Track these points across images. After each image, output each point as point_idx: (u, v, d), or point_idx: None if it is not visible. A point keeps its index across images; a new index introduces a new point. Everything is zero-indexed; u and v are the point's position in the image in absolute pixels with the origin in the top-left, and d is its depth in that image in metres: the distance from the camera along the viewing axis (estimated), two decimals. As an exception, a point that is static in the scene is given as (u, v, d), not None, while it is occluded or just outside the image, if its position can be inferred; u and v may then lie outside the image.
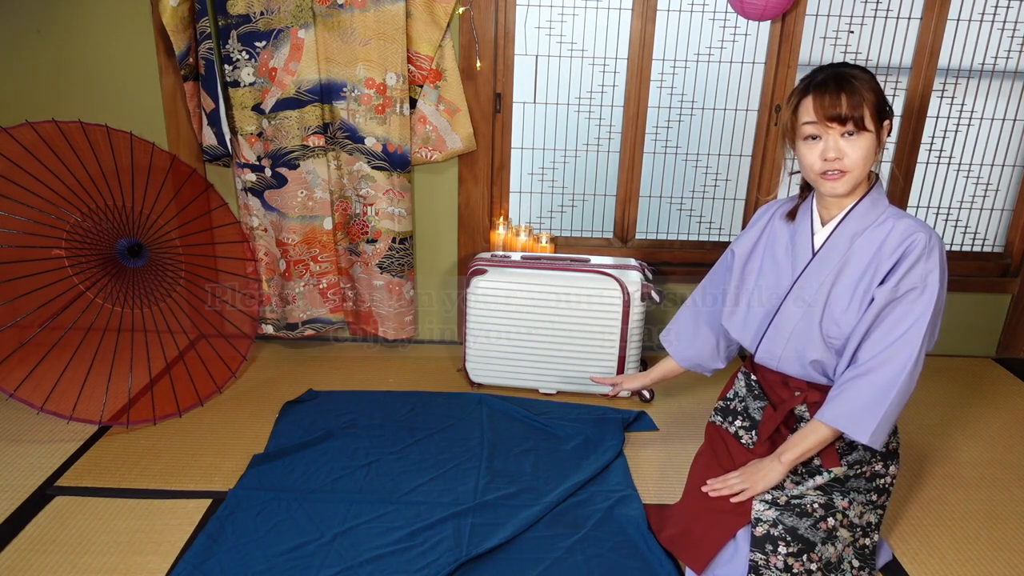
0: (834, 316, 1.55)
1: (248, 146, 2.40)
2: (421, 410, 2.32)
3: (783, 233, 1.69)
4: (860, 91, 1.46)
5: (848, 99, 1.46)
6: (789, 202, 1.73)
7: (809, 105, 1.49)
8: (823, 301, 1.57)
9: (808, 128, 1.51)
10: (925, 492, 2.01)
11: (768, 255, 1.70)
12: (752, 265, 1.74)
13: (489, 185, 2.62)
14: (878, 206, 1.56)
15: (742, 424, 1.77)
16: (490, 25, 2.43)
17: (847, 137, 1.48)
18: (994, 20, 2.49)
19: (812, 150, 1.52)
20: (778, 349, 1.65)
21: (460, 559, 1.67)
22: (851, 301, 1.53)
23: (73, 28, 2.41)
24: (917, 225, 1.52)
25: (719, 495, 1.63)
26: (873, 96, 1.48)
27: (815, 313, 1.58)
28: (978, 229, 2.76)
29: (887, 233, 1.53)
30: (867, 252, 1.54)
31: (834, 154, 1.48)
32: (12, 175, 2.05)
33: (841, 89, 1.46)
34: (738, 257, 1.76)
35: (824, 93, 1.47)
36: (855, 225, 1.56)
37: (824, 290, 1.57)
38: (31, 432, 2.15)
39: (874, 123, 1.48)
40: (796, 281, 1.62)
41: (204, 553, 1.68)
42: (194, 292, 2.40)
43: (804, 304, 1.60)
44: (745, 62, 2.54)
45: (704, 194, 2.71)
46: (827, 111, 1.47)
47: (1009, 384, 2.64)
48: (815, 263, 1.60)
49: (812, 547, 1.54)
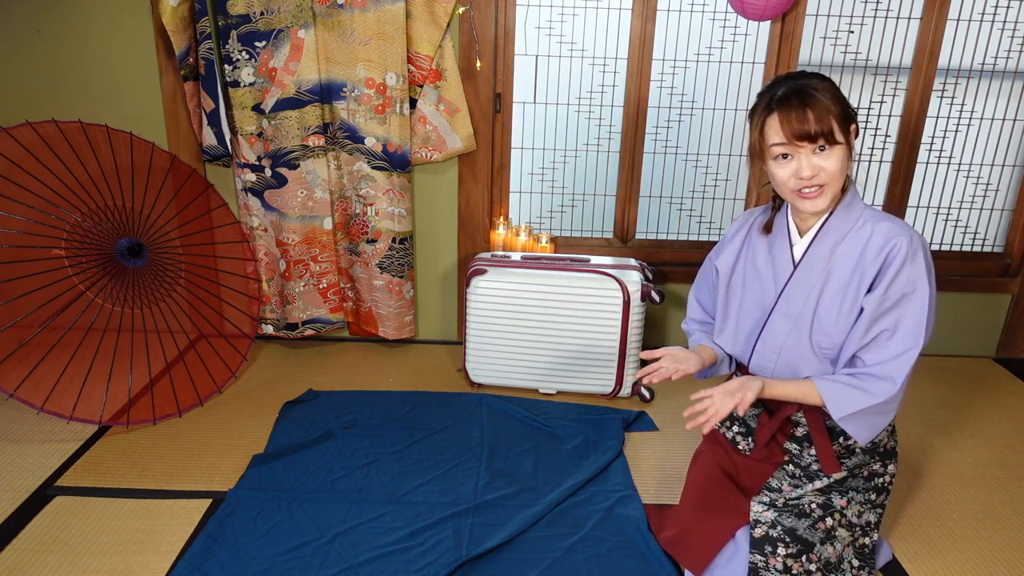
0: (824, 328, 1.54)
1: (248, 146, 2.40)
2: (421, 410, 2.32)
3: (761, 246, 1.66)
4: (824, 103, 1.43)
5: (814, 115, 1.42)
6: (763, 213, 1.69)
7: (776, 124, 1.46)
8: (811, 314, 1.56)
9: (778, 148, 1.47)
10: (925, 492, 2.01)
11: (751, 269, 1.68)
12: (736, 280, 1.71)
13: (489, 185, 2.62)
14: (854, 211, 1.54)
15: (739, 430, 1.77)
16: (490, 25, 2.43)
17: (819, 152, 1.46)
18: (994, 20, 2.49)
19: (784, 168, 1.49)
20: (770, 363, 1.63)
21: (460, 559, 1.68)
22: (840, 311, 1.52)
23: (73, 28, 2.41)
24: (897, 228, 1.49)
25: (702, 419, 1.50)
26: (837, 106, 1.44)
27: (803, 328, 1.57)
28: (978, 229, 2.76)
29: (868, 238, 1.50)
30: (850, 260, 1.52)
31: (809, 172, 1.46)
32: (12, 175, 2.06)
33: (805, 105, 1.43)
34: (722, 275, 1.73)
35: (789, 111, 1.44)
36: (834, 234, 1.54)
37: (811, 303, 1.56)
38: (31, 432, 2.15)
39: (842, 133, 1.45)
40: (780, 295, 1.60)
41: (204, 553, 1.68)
42: (194, 292, 2.40)
43: (791, 320, 1.58)
44: (745, 62, 2.54)
45: (704, 194, 2.71)
46: (795, 130, 1.43)
47: (1009, 384, 2.64)
48: (798, 276, 1.58)
49: (811, 547, 1.54)
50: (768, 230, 1.65)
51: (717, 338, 1.75)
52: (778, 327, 1.60)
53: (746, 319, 1.68)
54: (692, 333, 1.85)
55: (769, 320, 1.62)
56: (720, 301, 1.74)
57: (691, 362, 1.63)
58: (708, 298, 1.82)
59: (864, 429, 1.51)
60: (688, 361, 1.63)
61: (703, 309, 1.84)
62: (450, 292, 2.76)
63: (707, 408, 1.49)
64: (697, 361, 1.65)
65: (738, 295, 1.70)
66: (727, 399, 1.49)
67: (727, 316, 1.72)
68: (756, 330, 1.65)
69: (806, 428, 1.64)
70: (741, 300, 1.69)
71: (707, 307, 1.83)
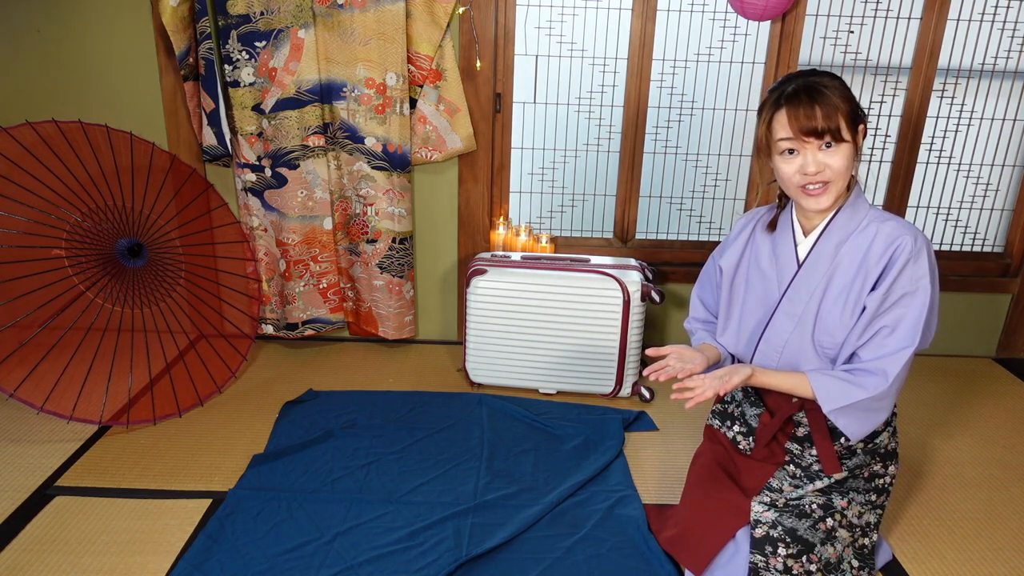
0: (827, 327, 1.54)
1: (248, 146, 2.40)
2: (421, 410, 2.32)
3: (765, 245, 1.67)
4: (833, 101, 1.44)
5: (822, 111, 1.43)
6: (768, 212, 1.70)
7: (783, 119, 1.46)
8: (814, 313, 1.56)
9: (784, 143, 1.48)
10: (925, 492, 2.01)
11: (754, 268, 1.68)
12: (739, 279, 1.71)
13: (489, 185, 2.62)
14: (859, 211, 1.54)
15: (740, 430, 1.77)
16: (490, 25, 2.43)
17: (825, 149, 1.46)
18: (994, 20, 2.49)
19: (790, 164, 1.49)
20: (772, 362, 1.63)
21: (460, 559, 1.67)
22: (843, 311, 1.52)
23: (73, 28, 2.41)
24: (902, 228, 1.50)
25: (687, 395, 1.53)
26: (846, 104, 1.45)
27: (806, 327, 1.57)
28: (978, 229, 2.76)
29: (872, 238, 1.51)
30: (854, 259, 1.52)
31: (814, 168, 1.46)
32: (12, 175, 2.06)
33: (814, 101, 1.44)
34: (725, 273, 1.73)
35: (798, 106, 1.44)
36: (839, 233, 1.55)
37: (814, 302, 1.56)
38: (31, 432, 2.15)
39: (850, 131, 1.46)
40: (784, 294, 1.60)
41: (204, 553, 1.68)
42: (194, 292, 2.40)
43: (795, 318, 1.58)
44: (745, 62, 2.54)
45: (704, 194, 2.71)
46: (802, 125, 1.44)
47: (1009, 384, 2.64)
48: (802, 275, 1.58)
49: (811, 548, 1.54)
50: (773, 227, 1.65)
51: (719, 337, 1.75)
52: (781, 326, 1.60)
53: (749, 318, 1.68)
54: (695, 332, 1.85)
55: (772, 319, 1.62)
56: (723, 300, 1.74)
57: (697, 361, 1.61)
58: (711, 297, 1.82)
59: (855, 424, 1.51)
60: (695, 360, 1.61)
61: (706, 308, 1.84)
62: (450, 292, 2.76)
63: (695, 387, 1.52)
64: (703, 360, 1.63)
65: (741, 294, 1.70)
66: (714, 381, 1.52)
67: (730, 315, 1.72)
68: (759, 329, 1.65)
69: (807, 428, 1.64)
70: (744, 299, 1.69)
71: (710, 306, 1.83)
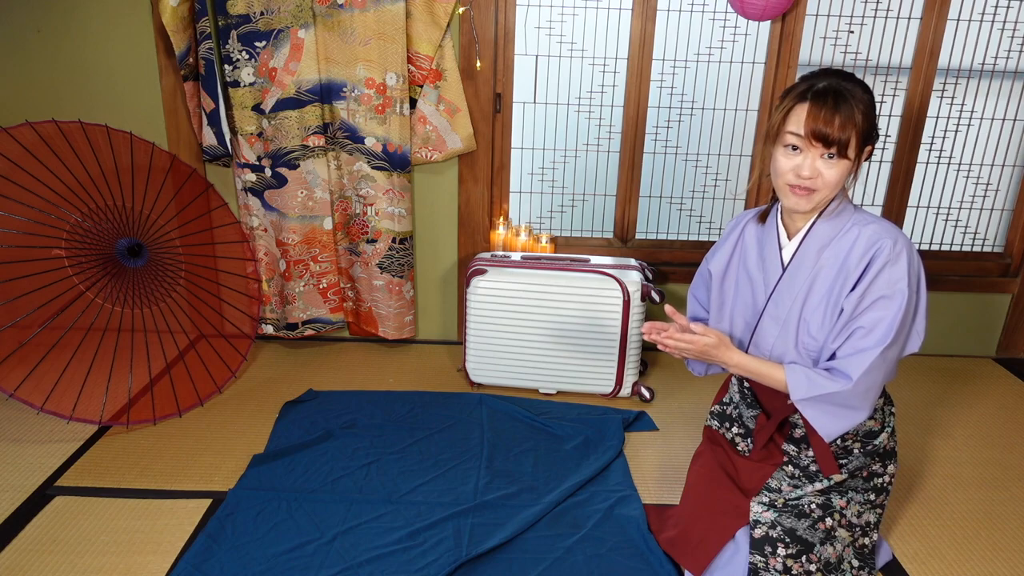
0: (810, 330, 1.55)
1: (248, 146, 2.40)
2: (421, 410, 2.32)
3: (753, 247, 1.67)
4: (854, 115, 1.43)
5: (840, 120, 1.42)
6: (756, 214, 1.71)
7: (801, 115, 1.45)
8: (797, 317, 1.56)
9: (791, 138, 1.48)
10: (925, 492, 2.02)
11: (742, 271, 1.69)
12: (728, 282, 1.72)
13: (489, 185, 2.62)
14: (842, 215, 1.55)
15: (738, 431, 1.77)
16: (490, 25, 2.43)
17: (826, 159, 1.46)
18: (994, 20, 2.49)
19: (789, 159, 1.49)
20: None
21: (460, 559, 1.68)
22: (825, 314, 1.53)
23: (72, 28, 2.41)
24: (883, 230, 1.49)
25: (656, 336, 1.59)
26: (864, 122, 1.44)
27: (790, 331, 1.58)
28: (978, 229, 2.76)
29: (853, 241, 1.51)
30: (835, 263, 1.52)
31: (808, 173, 1.46)
32: (12, 175, 2.06)
33: (837, 107, 1.43)
34: (715, 277, 1.74)
35: (820, 106, 1.43)
36: (821, 237, 1.55)
37: (797, 306, 1.56)
38: (31, 432, 2.15)
39: (856, 149, 1.46)
40: (770, 298, 1.61)
41: (204, 553, 1.68)
42: (194, 292, 2.40)
43: (779, 322, 1.59)
44: (745, 62, 2.54)
45: (704, 194, 2.71)
46: (815, 128, 1.43)
47: (1009, 384, 2.64)
48: (786, 279, 1.59)
49: (811, 548, 1.54)
50: (763, 219, 1.66)
51: None
52: (768, 330, 1.61)
53: (738, 321, 1.69)
54: None
55: (760, 323, 1.63)
56: (714, 303, 1.75)
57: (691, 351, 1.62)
58: (705, 296, 1.83)
59: (825, 418, 1.49)
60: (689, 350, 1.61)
61: (701, 306, 1.85)
62: (450, 292, 2.76)
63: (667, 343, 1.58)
64: None
65: (730, 297, 1.71)
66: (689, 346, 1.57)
67: (721, 318, 1.73)
68: (748, 332, 1.66)
69: (804, 430, 1.64)
70: (733, 303, 1.70)
71: (704, 304, 1.84)
